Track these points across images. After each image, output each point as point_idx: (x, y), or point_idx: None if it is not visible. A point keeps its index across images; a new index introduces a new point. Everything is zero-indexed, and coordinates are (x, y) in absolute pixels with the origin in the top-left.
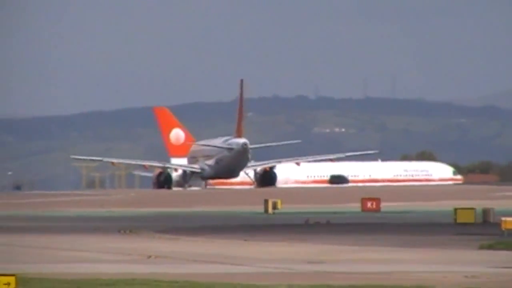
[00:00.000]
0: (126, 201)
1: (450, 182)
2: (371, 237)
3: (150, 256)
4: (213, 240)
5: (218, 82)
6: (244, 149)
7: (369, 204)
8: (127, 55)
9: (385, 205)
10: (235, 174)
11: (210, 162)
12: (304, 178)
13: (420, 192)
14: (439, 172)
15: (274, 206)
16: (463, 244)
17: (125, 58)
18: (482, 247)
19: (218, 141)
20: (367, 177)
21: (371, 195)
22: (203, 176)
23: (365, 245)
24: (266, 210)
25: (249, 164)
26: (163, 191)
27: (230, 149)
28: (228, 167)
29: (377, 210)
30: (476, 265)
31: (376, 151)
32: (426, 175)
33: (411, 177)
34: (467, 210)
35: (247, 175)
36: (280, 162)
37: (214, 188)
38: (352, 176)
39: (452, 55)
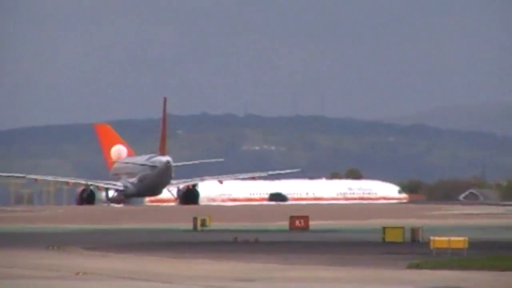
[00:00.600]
0: (54, 217)
1: (395, 201)
2: (300, 255)
3: (78, 273)
4: (141, 257)
5: (147, 99)
6: (167, 167)
7: (297, 222)
8: (55, 71)
9: (313, 223)
10: (158, 191)
11: (133, 179)
12: (246, 196)
13: (349, 211)
14: (384, 190)
15: (203, 223)
16: (391, 263)
17: (54, 74)
18: (410, 266)
19: (141, 159)
20: (311, 195)
21: (300, 213)
22: (126, 194)
23: (293, 263)
24: (195, 227)
25: (172, 182)
26: (93, 207)
27: (153, 167)
28: (151, 184)
29: (306, 228)
30: (404, 284)
31: (299, 170)
32: (370, 193)
33: (355, 196)
34: (395, 229)
35: (170, 192)
36: (203, 180)
37: (151, 205)
38: (296, 194)
39: (380, 74)
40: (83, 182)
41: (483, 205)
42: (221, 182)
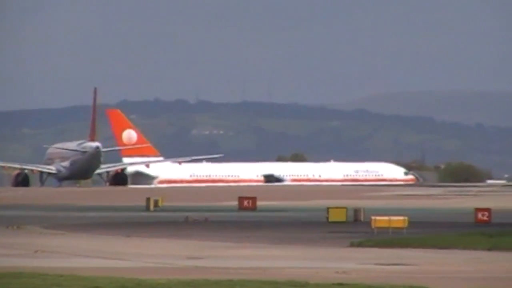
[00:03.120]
0: (15, 198)
1: (402, 183)
2: (247, 234)
3: (37, 251)
4: (96, 236)
5: (102, 85)
6: (96, 152)
7: (245, 203)
8: (13, 57)
9: (261, 204)
10: (88, 175)
11: (65, 163)
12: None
13: (296, 192)
14: (390, 173)
15: (156, 204)
16: (335, 241)
17: (14, 60)
18: (352, 245)
19: (73, 145)
20: (316, 177)
21: (249, 194)
22: (58, 177)
23: (241, 242)
24: (148, 208)
25: (102, 166)
26: (51, 189)
27: (83, 152)
28: (82, 168)
29: (253, 208)
30: (347, 262)
31: (222, 155)
32: (376, 175)
33: (361, 178)
34: (338, 209)
35: (100, 176)
36: (132, 164)
37: (104, 187)
38: (299, 176)
39: (324, 61)
40: (17, 166)
41: (423, 187)
42: (147, 166)
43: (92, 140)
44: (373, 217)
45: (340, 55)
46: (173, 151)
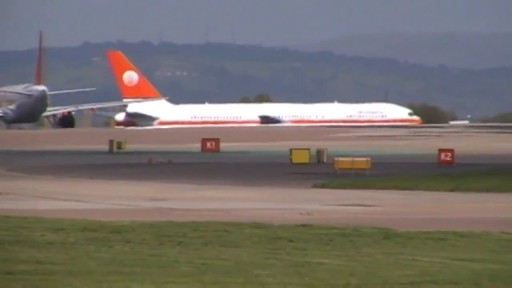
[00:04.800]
0: None
1: (406, 124)
2: (211, 176)
3: (1, 193)
4: (60, 178)
5: (64, 28)
6: (42, 95)
7: (208, 145)
8: None
9: (224, 146)
10: (35, 118)
11: (12, 107)
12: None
13: (259, 133)
14: (394, 113)
15: (119, 146)
16: (298, 183)
17: None
18: (315, 186)
19: (19, 88)
20: (320, 118)
21: (212, 136)
22: (6, 120)
23: (204, 183)
24: (111, 150)
25: (50, 109)
26: (15, 131)
27: (29, 96)
28: (29, 112)
29: (216, 150)
30: (310, 203)
31: (167, 97)
32: (380, 116)
33: (365, 118)
34: (302, 151)
35: (47, 118)
36: (77, 107)
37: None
38: (305, 116)
39: (288, 2)
40: None
41: (385, 128)
42: (94, 110)
43: (39, 83)
44: (336, 159)
45: None
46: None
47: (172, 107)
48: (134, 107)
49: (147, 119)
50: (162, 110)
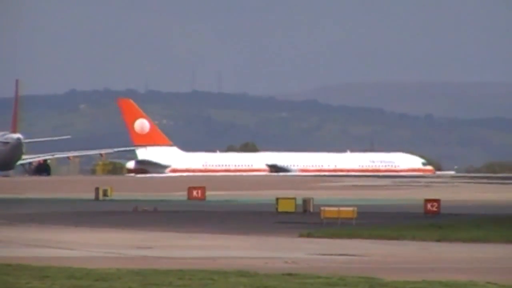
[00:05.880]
0: None
1: (419, 173)
2: (196, 224)
3: None
4: (45, 226)
5: (50, 75)
6: (18, 143)
7: (194, 193)
8: None
9: (211, 194)
10: (11, 166)
11: None
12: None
13: (245, 182)
14: (407, 163)
15: (105, 194)
16: (284, 232)
17: None
18: (301, 235)
19: None
20: (332, 167)
21: (198, 185)
22: None
23: (190, 232)
24: (97, 198)
25: (25, 157)
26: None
27: (5, 143)
28: (4, 160)
29: (203, 198)
30: (296, 252)
31: (144, 147)
32: (393, 166)
33: (377, 168)
34: (288, 200)
35: (22, 166)
36: (53, 155)
37: (53, 176)
38: (318, 166)
39: (273, 52)
40: None
41: (372, 177)
42: (69, 158)
43: (14, 131)
44: (322, 208)
45: (290, 46)
46: (122, 141)
47: (183, 154)
48: (144, 154)
49: (158, 167)
50: (173, 158)
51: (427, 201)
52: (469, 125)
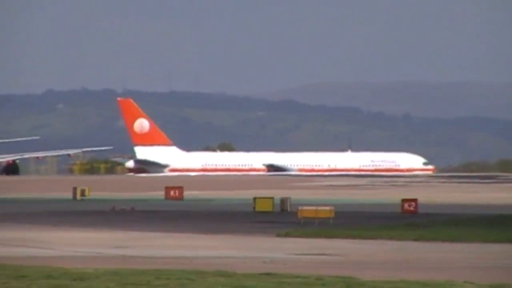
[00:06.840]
0: None
1: (420, 173)
2: (173, 224)
3: None
4: (22, 225)
5: (28, 75)
6: None
7: (172, 193)
8: None
9: (188, 194)
10: None
11: None
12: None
13: (222, 182)
14: (408, 162)
15: (82, 193)
16: (261, 231)
17: None
18: (279, 235)
19: None
20: (332, 167)
21: (176, 184)
22: None
23: (167, 231)
24: (74, 197)
25: None
26: None
27: None
28: None
29: (180, 198)
30: (274, 252)
31: (111, 147)
32: (394, 165)
33: (378, 168)
34: (265, 199)
35: None
36: (22, 156)
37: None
38: (316, 166)
39: (251, 51)
40: None
41: (349, 177)
42: (39, 158)
43: None
44: (299, 207)
45: (268, 45)
46: (101, 140)
47: (183, 154)
48: (143, 154)
49: (157, 166)
50: (173, 157)
51: (404, 201)
52: (446, 124)
